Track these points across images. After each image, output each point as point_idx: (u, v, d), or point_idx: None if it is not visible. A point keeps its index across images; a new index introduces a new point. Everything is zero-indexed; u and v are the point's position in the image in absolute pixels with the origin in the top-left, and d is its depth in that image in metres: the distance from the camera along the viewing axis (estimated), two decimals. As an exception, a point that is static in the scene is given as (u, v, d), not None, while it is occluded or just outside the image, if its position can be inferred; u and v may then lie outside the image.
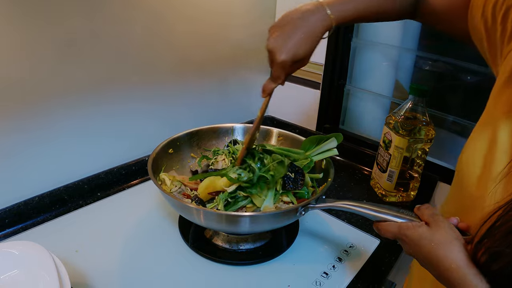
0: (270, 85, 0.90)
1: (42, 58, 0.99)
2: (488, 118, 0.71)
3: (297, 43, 0.80)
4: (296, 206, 0.87)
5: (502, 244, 0.54)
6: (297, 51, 0.80)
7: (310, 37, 0.80)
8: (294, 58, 0.81)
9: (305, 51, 0.81)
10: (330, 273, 0.95)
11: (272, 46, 0.81)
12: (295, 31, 0.80)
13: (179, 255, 0.98)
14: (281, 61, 0.80)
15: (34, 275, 0.74)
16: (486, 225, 0.58)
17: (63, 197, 1.13)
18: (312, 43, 0.81)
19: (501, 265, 0.55)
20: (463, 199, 0.71)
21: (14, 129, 1.00)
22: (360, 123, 1.63)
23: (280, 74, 0.85)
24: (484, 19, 0.72)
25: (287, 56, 0.80)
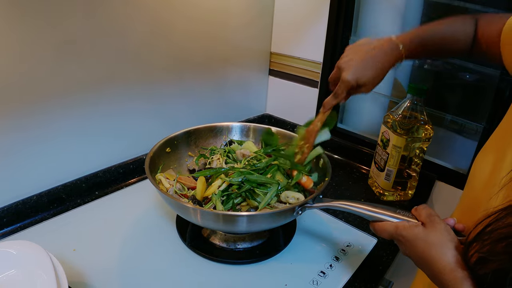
0: (331, 101, 0.95)
1: (40, 58, 0.99)
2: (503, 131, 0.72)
3: (363, 70, 0.87)
4: (293, 206, 0.87)
5: (489, 251, 0.55)
6: (361, 77, 0.87)
7: (377, 68, 0.88)
8: (358, 81, 0.87)
9: (369, 78, 0.88)
10: (328, 272, 0.95)
11: (343, 65, 0.89)
12: (366, 59, 0.87)
13: (176, 254, 0.98)
14: (346, 80, 0.87)
15: (31, 275, 0.74)
16: (478, 228, 0.58)
17: (61, 196, 1.13)
18: (377, 71, 0.88)
19: (486, 271, 0.55)
20: (469, 200, 0.72)
21: (12, 128, 1.00)
22: (358, 121, 1.63)
23: (342, 91, 0.91)
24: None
25: (352, 77, 0.87)
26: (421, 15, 1.39)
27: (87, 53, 1.08)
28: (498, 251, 0.53)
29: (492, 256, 0.54)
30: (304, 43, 1.60)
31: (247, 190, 0.94)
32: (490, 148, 0.73)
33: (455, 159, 1.35)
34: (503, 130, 0.73)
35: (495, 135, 0.74)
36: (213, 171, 1.01)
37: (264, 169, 1.02)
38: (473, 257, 0.58)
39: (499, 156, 0.68)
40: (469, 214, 0.70)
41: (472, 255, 0.58)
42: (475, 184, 0.71)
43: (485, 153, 0.73)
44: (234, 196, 0.93)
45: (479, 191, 0.69)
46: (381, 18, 1.43)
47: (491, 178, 0.67)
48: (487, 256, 0.55)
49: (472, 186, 0.72)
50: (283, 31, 1.65)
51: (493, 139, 0.74)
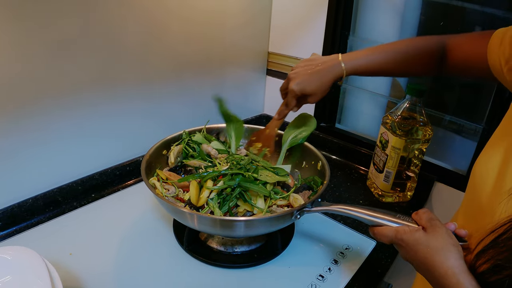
0: (284, 110, 1.08)
1: (35, 59, 0.98)
2: (506, 129, 0.71)
3: (308, 81, 0.99)
4: (291, 210, 0.86)
5: (506, 259, 0.54)
6: (306, 87, 0.99)
7: (320, 80, 0.99)
8: (303, 91, 1.00)
9: (312, 89, 0.99)
10: (326, 276, 0.94)
11: (291, 76, 1.02)
12: (312, 72, 1.00)
13: (173, 257, 0.97)
14: (292, 89, 1.00)
15: (26, 281, 0.74)
16: (492, 235, 0.58)
17: (57, 199, 1.13)
18: (320, 85, 0.99)
19: (501, 277, 0.54)
20: (473, 208, 0.71)
21: (8, 130, 0.99)
22: (357, 122, 1.62)
23: (291, 100, 1.03)
24: (502, 49, 0.77)
25: (297, 87, 0.99)
26: (419, 14, 1.38)
27: (84, 54, 1.07)
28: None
29: (509, 263, 0.54)
30: (302, 43, 1.59)
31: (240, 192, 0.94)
32: (492, 150, 0.72)
33: (454, 160, 1.35)
34: (504, 131, 0.72)
35: (496, 136, 0.74)
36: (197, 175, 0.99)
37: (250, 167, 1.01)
38: (486, 264, 0.57)
39: (505, 159, 0.67)
40: (474, 219, 0.70)
41: (486, 261, 0.57)
42: (479, 189, 0.70)
43: (487, 156, 0.72)
44: (229, 199, 0.93)
45: (485, 197, 0.68)
46: (380, 17, 1.43)
47: (498, 183, 0.66)
48: (503, 263, 0.54)
49: (476, 191, 0.71)
50: (280, 31, 1.64)
51: (495, 140, 0.73)
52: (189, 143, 1.14)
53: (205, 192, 0.94)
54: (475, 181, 0.72)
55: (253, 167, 0.99)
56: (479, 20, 1.24)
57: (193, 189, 0.95)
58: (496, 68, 0.80)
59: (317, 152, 1.09)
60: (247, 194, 0.94)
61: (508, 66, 0.76)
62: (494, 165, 0.68)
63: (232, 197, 0.92)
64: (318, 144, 1.52)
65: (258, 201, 0.94)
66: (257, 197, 0.95)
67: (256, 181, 0.96)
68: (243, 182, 0.93)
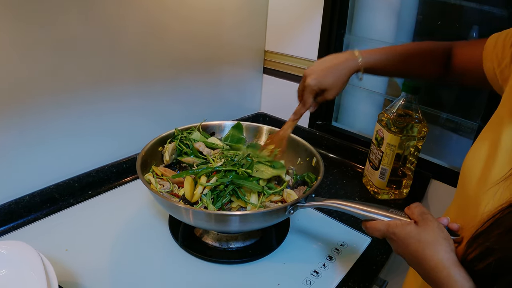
0: (301, 110, 1.04)
1: (32, 57, 0.99)
2: (496, 121, 0.72)
3: (324, 75, 0.97)
4: (285, 205, 0.86)
5: (496, 241, 0.55)
6: (322, 81, 0.97)
7: (336, 73, 0.97)
8: (320, 85, 0.97)
9: (329, 83, 0.97)
10: (321, 272, 0.94)
11: (307, 72, 0.99)
12: (327, 67, 0.98)
13: (169, 253, 0.98)
14: (308, 84, 0.97)
15: (22, 275, 0.75)
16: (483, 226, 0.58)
17: (54, 196, 1.13)
18: (336, 78, 0.97)
19: (488, 262, 0.55)
20: (462, 199, 0.72)
21: (5, 127, 0.99)
22: (353, 120, 1.62)
23: (307, 97, 1.00)
24: (496, 52, 0.79)
25: (313, 81, 0.97)
26: (416, 13, 1.38)
27: (80, 52, 1.08)
28: (505, 240, 0.54)
29: (497, 245, 0.54)
30: (298, 41, 1.59)
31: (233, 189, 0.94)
32: (479, 144, 0.73)
33: (450, 158, 1.35)
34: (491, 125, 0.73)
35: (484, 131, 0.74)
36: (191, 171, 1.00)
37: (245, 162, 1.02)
38: (474, 252, 0.58)
39: (490, 152, 0.68)
40: (464, 212, 0.70)
41: (475, 248, 0.58)
42: (467, 182, 0.71)
43: (475, 150, 0.73)
44: (222, 195, 0.93)
45: (472, 190, 0.68)
46: (376, 16, 1.43)
47: (484, 176, 0.67)
48: (492, 245, 0.55)
49: (465, 184, 0.72)
50: (277, 29, 1.65)
51: (483, 135, 0.74)
52: (183, 140, 1.14)
53: (199, 188, 0.94)
54: (464, 175, 0.72)
55: (249, 161, 1.00)
56: (477, 19, 1.24)
57: (187, 185, 0.96)
58: (490, 73, 0.82)
59: (312, 148, 1.10)
60: (240, 191, 0.94)
61: (500, 69, 0.78)
62: (480, 159, 0.69)
63: (225, 194, 0.93)
64: (315, 142, 1.53)
65: (252, 197, 0.95)
66: (251, 193, 0.95)
67: (250, 177, 0.97)
68: (236, 179, 0.93)
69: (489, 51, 0.82)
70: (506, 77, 0.77)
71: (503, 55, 0.77)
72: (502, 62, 0.77)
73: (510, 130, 0.66)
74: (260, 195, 0.96)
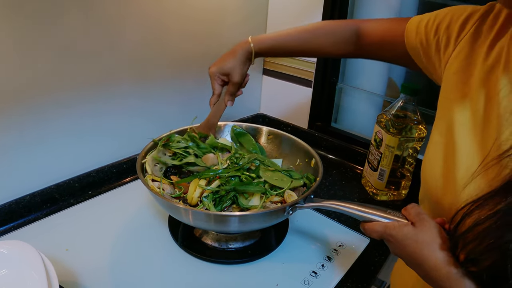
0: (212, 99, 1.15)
1: (32, 58, 0.99)
2: (440, 124, 0.74)
3: (222, 60, 1.07)
4: (284, 206, 0.87)
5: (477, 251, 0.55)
6: (222, 66, 1.06)
7: (232, 56, 1.05)
8: (220, 70, 1.07)
9: (229, 67, 1.06)
10: (319, 272, 0.95)
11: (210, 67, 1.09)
12: (225, 54, 1.08)
13: (168, 253, 0.98)
14: (210, 72, 1.09)
15: (22, 274, 0.75)
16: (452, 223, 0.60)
17: (54, 196, 1.13)
18: (234, 60, 1.05)
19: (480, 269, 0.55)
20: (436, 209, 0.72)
21: (5, 127, 1.00)
22: (353, 121, 1.63)
23: (213, 85, 1.11)
24: (419, 39, 0.84)
25: (214, 68, 1.07)
26: (416, 13, 1.38)
27: (80, 53, 1.08)
28: (485, 249, 0.54)
29: (480, 255, 0.55)
30: (298, 42, 1.59)
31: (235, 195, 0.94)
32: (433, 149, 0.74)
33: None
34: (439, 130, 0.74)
35: (434, 136, 0.76)
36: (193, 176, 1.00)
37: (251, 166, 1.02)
38: (460, 256, 0.58)
39: (447, 157, 0.69)
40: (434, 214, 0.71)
41: (459, 253, 0.58)
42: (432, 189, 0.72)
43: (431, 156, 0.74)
44: (224, 200, 0.93)
45: (440, 197, 0.69)
46: (376, 16, 1.43)
47: (449, 181, 0.67)
48: (475, 256, 0.55)
49: (430, 191, 0.72)
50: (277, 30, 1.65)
51: (434, 140, 0.76)
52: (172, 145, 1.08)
53: (197, 191, 0.94)
54: (427, 182, 0.74)
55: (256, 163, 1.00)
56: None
57: (192, 188, 0.96)
58: (415, 55, 0.88)
59: (310, 149, 1.10)
60: (243, 196, 0.95)
61: (426, 57, 0.83)
62: (438, 165, 0.71)
63: (226, 199, 0.93)
64: (314, 143, 1.53)
65: (253, 198, 0.95)
66: (253, 194, 0.95)
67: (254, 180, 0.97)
68: (239, 186, 0.94)
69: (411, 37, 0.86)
70: (433, 64, 0.82)
71: (428, 43, 0.82)
72: (428, 50, 0.82)
73: (462, 128, 0.68)
74: (262, 196, 0.96)
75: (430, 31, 0.81)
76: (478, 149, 0.65)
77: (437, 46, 0.79)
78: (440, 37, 0.78)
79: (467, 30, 0.74)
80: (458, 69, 0.73)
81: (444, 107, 0.74)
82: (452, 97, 0.72)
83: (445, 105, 0.74)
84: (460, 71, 0.72)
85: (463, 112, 0.69)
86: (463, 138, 0.67)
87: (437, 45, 0.79)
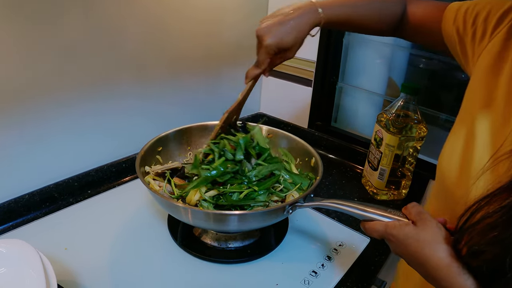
0: (253, 71, 0.94)
1: (32, 57, 0.99)
2: (465, 116, 0.73)
3: (284, 31, 0.84)
4: (283, 205, 0.86)
5: (480, 243, 0.55)
6: (283, 38, 0.85)
7: (298, 28, 0.85)
8: (279, 45, 0.85)
9: (291, 40, 0.85)
10: (319, 272, 0.94)
11: (261, 31, 0.86)
12: (285, 21, 0.85)
13: (167, 253, 0.98)
14: (267, 44, 0.85)
15: (21, 273, 0.74)
16: (462, 219, 0.59)
17: (53, 195, 1.13)
18: (298, 34, 0.86)
19: (480, 263, 0.55)
20: (446, 199, 0.72)
21: (4, 126, 1.00)
22: (353, 120, 1.63)
23: (264, 59, 0.89)
24: (456, 26, 0.81)
25: (273, 40, 0.84)
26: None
27: (80, 52, 1.08)
28: (488, 242, 0.54)
29: (483, 247, 0.54)
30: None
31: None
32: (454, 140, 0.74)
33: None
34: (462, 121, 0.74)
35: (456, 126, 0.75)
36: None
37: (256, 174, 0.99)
38: (463, 250, 0.58)
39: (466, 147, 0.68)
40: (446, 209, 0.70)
41: (462, 248, 0.58)
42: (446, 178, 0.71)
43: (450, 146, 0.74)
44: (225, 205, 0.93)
45: (453, 186, 0.69)
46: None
47: (463, 171, 0.67)
48: (478, 247, 0.55)
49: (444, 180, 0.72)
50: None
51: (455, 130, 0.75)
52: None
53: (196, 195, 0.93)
54: (443, 172, 0.73)
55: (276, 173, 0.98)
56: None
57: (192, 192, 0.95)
58: (450, 42, 0.84)
59: (310, 148, 1.10)
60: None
61: (461, 45, 0.80)
62: (456, 155, 0.70)
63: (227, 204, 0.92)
64: (314, 142, 1.53)
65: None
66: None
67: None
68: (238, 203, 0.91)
69: (449, 24, 0.83)
70: (466, 54, 0.80)
71: (465, 32, 0.79)
72: (464, 38, 0.79)
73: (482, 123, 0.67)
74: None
75: (468, 20, 0.78)
76: (492, 142, 0.65)
77: (473, 37, 0.77)
78: (477, 28, 0.76)
79: (504, 24, 0.72)
80: (489, 64, 0.72)
81: (470, 99, 0.74)
82: (479, 90, 0.72)
83: (471, 97, 0.73)
84: (491, 66, 0.71)
85: (487, 106, 0.68)
86: (482, 131, 0.67)
87: (473, 35, 0.77)
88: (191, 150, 1.19)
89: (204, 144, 1.11)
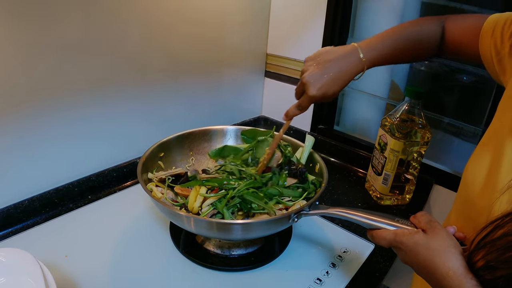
0: (295, 112, 0.99)
1: (32, 60, 0.97)
2: (495, 133, 0.72)
3: (329, 83, 0.89)
4: (288, 213, 0.85)
5: (497, 260, 0.54)
6: (328, 91, 0.90)
7: (341, 79, 0.90)
8: (324, 96, 0.90)
9: (335, 91, 0.90)
10: (324, 279, 0.93)
11: (307, 80, 0.90)
12: (330, 71, 0.89)
13: (169, 260, 0.96)
14: (312, 96, 0.90)
15: (20, 283, 0.73)
16: (482, 233, 0.57)
17: (53, 200, 1.12)
18: (341, 86, 0.90)
19: (495, 277, 0.54)
20: (467, 209, 0.71)
21: (4, 131, 0.98)
22: (355, 124, 1.62)
23: (306, 105, 0.95)
24: (494, 39, 0.79)
25: (318, 93, 0.89)
26: (419, 15, 1.38)
27: (81, 56, 1.07)
28: (506, 260, 0.53)
29: (500, 264, 0.53)
30: (300, 44, 1.58)
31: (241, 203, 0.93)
32: (482, 150, 0.73)
33: (453, 163, 1.34)
34: (493, 131, 0.73)
35: (486, 137, 0.74)
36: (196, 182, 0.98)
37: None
38: (479, 263, 0.57)
39: (495, 158, 0.67)
40: (469, 220, 0.70)
41: (478, 260, 0.57)
42: (471, 189, 0.70)
43: (477, 157, 0.73)
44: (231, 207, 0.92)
45: (478, 197, 0.68)
46: (379, 19, 1.42)
47: (489, 182, 0.66)
48: (495, 264, 0.54)
49: (468, 191, 0.71)
50: (279, 32, 1.64)
51: (484, 140, 0.74)
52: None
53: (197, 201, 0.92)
54: (467, 182, 0.72)
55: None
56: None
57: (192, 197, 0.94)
58: (487, 59, 0.81)
59: (315, 154, 1.08)
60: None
61: (498, 58, 0.78)
62: (484, 165, 0.69)
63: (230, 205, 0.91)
64: (317, 146, 1.51)
65: None
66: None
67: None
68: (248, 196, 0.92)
69: (486, 37, 0.81)
70: (504, 67, 0.77)
71: (502, 45, 0.77)
72: (501, 51, 0.77)
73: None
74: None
75: (506, 33, 0.76)
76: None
77: (510, 51, 0.75)
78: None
79: None
80: None
81: (503, 109, 0.73)
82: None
83: (505, 108, 0.72)
84: None
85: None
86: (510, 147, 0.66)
87: (510, 49, 0.75)
88: (193, 156, 1.18)
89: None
